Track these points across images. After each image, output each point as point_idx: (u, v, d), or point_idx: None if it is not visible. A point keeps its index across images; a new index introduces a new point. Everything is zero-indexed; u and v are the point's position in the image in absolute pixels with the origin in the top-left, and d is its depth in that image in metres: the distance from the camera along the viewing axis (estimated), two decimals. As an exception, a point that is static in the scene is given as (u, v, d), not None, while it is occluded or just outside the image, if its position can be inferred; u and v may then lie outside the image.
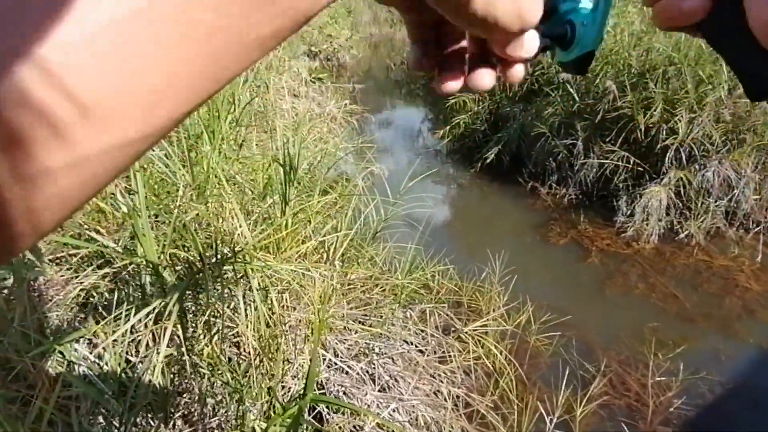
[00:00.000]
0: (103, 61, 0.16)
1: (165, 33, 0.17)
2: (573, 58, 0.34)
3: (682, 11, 0.26)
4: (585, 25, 0.33)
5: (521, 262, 2.39)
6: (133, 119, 0.17)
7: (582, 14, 0.34)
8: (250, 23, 0.19)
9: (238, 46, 0.19)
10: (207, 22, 0.18)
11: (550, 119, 3.63)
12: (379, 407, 1.56)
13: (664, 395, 1.91)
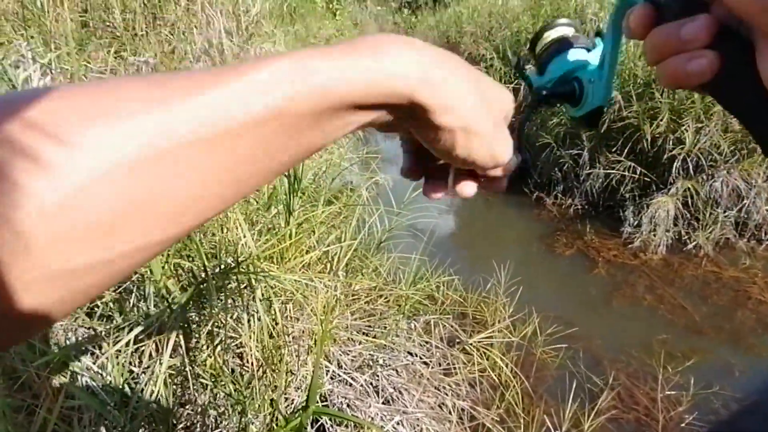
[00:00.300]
0: (140, 180, 0.19)
1: (203, 163, 0.21)
2: (583, 113, 0.35)
3: (688, 72, 0.26)
4: (592, 82, 0.34)
5: (527, 273, 2.37)
6: (157, 226, 0.21)
7: (589, 72, 0.35)
8: (273, 155, 0.23)
9: (260, 172, 0.23)
10: (242, 154, 0.22)
11: (556, 129, 3.63)
12: (383, 420, 1.54)
13: (674, 410, 1.87)
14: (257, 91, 0.22)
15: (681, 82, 0.26)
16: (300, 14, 6.97)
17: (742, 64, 0.25)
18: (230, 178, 0.22)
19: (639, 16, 0.28)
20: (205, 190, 0.21)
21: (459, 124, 0.27)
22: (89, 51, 2.27)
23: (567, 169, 3.50)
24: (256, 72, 0.22)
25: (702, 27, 0.25)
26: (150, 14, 3.34)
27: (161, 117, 0.20)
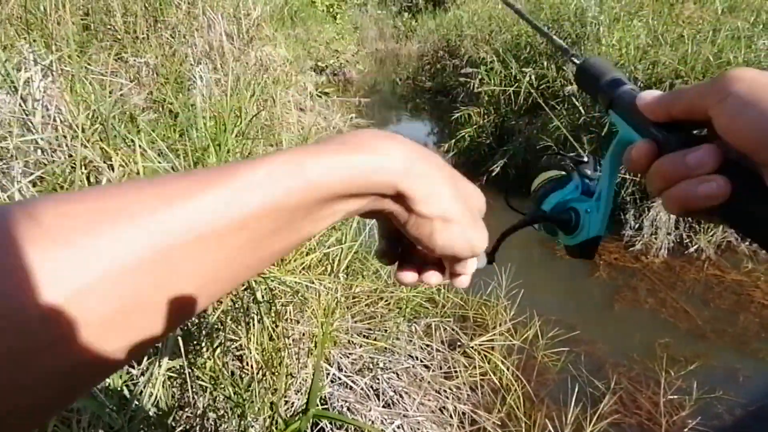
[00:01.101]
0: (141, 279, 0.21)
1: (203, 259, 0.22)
2: (578, 242, 0.37)
3: (699, 195, 0.26)
4: (588, 213, 0.36)
5: (528, 276, 2.36)
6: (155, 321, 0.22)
7: (585, 203, 0.37)
8: (268, 246, 0.25)
9: (255, 262, 0.25)
10: (239, 248, 0.23)
11: (556, 132, 3.63)
12: (384, 423, 1.53)
13: (677, 414, 1.85)
14: (254, 189, 0.23)
15: (691, 205, 0.27)
16: (301, 18, 6.99)
17: (752, 188, 0.25)
18: (228, 270, 0.24)
19: (641, 150, 0.30)
20: (204, 284, 0.23)
21: (438, 213, 0.29)
22: (90, 53, 2.28)
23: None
24: (253, 172, 0.24)
25: (708, 154, 0.26)
26: (151, 17, 3.35)
27: (162, 218, 0.21)
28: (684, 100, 0.29)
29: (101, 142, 1.23)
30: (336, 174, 0.25)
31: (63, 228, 0.20)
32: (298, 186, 0.24)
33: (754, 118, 0.24)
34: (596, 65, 0.37)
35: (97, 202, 0.21)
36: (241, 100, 2.19)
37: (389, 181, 0.27)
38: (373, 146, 0.27)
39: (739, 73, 0.26)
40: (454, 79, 6.09)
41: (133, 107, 1.79)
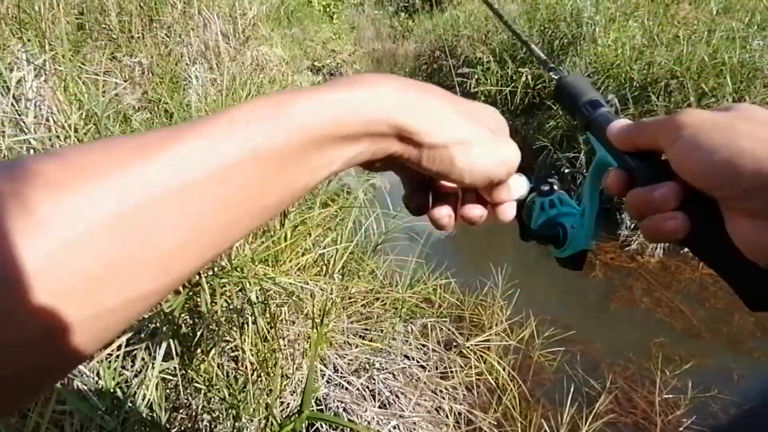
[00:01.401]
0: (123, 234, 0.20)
1: (186, 211, 0.21)
2: (567, 255, 0.39)
3: (665, 230, 0.29)
4: (575, 228, 0.38)
5: (524, 276, 2.36)
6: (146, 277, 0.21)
7: (571, 218, 0.39)
8: (259, 198, 0.23)
9: (246, 216, 0.23)
10: (225, 198, 0.22)
11: (552, 132, 3.63)
12: (379, 424, 1.53)
13: (672, 413, 1.86)
14: (232, 135, 0.22)
15: (660, 237, 0.30)
16: (297, 17, 6.98)
17: (710, 224, 0.28)
18: (215, 223, 0.22)
19: (614, 178, 0.32)
20: (191, 237, 0.22)
21: (451, 137, 0.27)
22: (84, 53, 2.26)
23: (564, 172, 3.50)
24: (229, 117, 0.22)
25: (670, 192, 0.29)
26: (146, 16, 3.33)
27: (140, 171, 0.20)
28: (644, 135, 0.31)
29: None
30: (320, 112, 0.24)
31: (37, 186, 0.19)
32: (279, 128, 0.23)
33: (698, 162, 0.26)
34: (574, 84, 0.38)
35: (76, 158, 0.20)
36: (236, 99, 2.18)
37: (382, 116, 0.25)
38: (360, 82, 0.26)
39: (686, 117, 0.28)
40: (451, 79, 6.09)
41: (126, 107, 1.78)
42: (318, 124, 0.24)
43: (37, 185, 0.19)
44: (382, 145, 0.26)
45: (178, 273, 0.22)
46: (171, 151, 0.21)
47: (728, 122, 0.27)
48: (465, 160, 0.28)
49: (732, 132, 0.26)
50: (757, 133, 0.25)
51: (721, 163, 0.26)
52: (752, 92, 2.92)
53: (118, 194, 0.20)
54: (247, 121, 0.22)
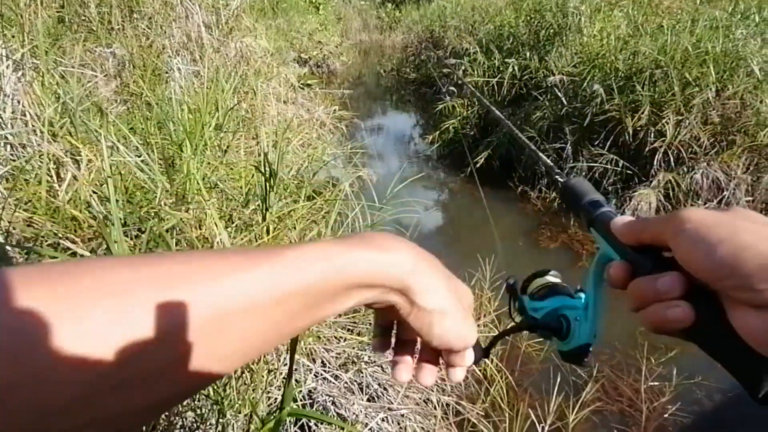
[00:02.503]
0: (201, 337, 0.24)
1: (245, 324, 0.25)
2: (570, 348, 0.39)
3: (668, 318, 0.30)
4: (578, 321, 0.39)
5: (512, 266, 2.37)
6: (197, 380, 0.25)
7: (574, 311, 0.39)
8: (296, 323, 0.28)
9: (279, 336, 0.28)
10: (275, 320, 0.27)
11: (539, 123, 3.64)
12: (368, 417, 1.52)
13: (657, 400, 1.89)
14: (296, 269, 0.28)
15: (662, 327, 0.30)
16: (282, 8, 6.88)
17: (713, 314, 0.28)
18: (262, 339, 0.27)
19: (617, 269, 0.34)
20: (242, 349, 0.26)
21: (437, 306, 0.33)
22: (60, 44, 2.20)
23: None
24: (295, 255, 0.28)
25: (674, 281, 0.30)
26: (126, 7, 3.25)
27: (223, 284, 0.25)
28: (648, 230, 0.33)
29: (70, 137, 1.18)
30: (359, 266, 0.30)
31: (126, 288, 0.23)
32: (329, 272, 0.29)
33: (702, 254, 0.28)
34: (577, 186, 0.42)
35: (164, 266, 0.25)
36: (219, 92, 2.15)
37: (400, 277, 0.32)
38: (388, 246, 0.32)
39: (688, 213, 0.30)
40: (438, 70, 6.07)
41: (103, 99, 1.74)
42: (355, 275, 0.30)
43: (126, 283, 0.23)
44: (389, 296, 0.32)
45: (218, 375, 0.26)
46: (251, 271, 0.26)
47: (729, 219, 0.29)
48: (439, 327, 0.34)
49: (734, 228, 0.28)
50: (757, 229, 0.27)
51: (726, 255, 0.27)
52: (735, 81, 2.94)
53: (204, 301, 0.24)
54: (307, 261, 0.28)
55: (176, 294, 0.23)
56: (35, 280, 0.21)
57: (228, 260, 0.26)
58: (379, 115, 6.47)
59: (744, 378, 0.27)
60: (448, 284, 0.35)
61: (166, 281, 0.24)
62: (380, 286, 0.31)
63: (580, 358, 0.39)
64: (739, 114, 2.92)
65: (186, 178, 1.25)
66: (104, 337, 0.21)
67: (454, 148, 4.42)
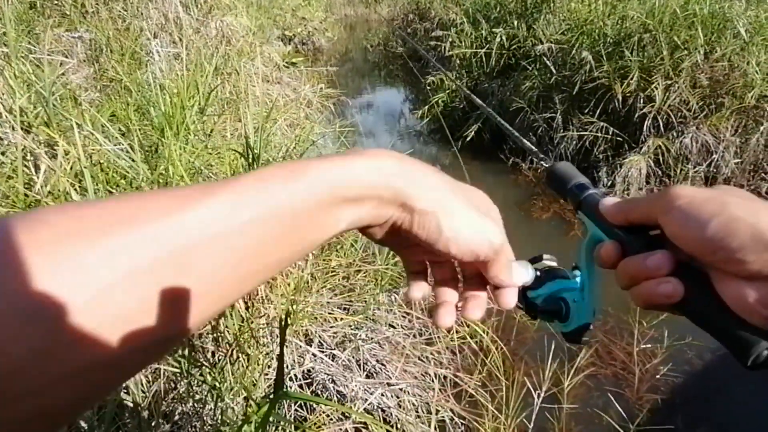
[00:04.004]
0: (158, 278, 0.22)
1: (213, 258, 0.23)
2: (571, 330, 0.40)
3: (658, 294, 0.31)
4: (576, 302, 0.40)
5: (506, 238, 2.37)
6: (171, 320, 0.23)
7: (572, 293, 0.40)
8: (274, 251, 0.26)
9: (261, 269, 0.26)
10: (247, 249, 0.25)
11: (529, 93, 3.60)
12: (367, 393, 1.55)
13: (649, 362, 1.93)
14: (259, 193, 0.25)
15: (653, 303, 0.31)
16: (263, -16, 6.68)
17: (702, 288, 0.29)
18: (236, 273, 0.25)
19: (607, 250, 0.34)
20: (214, 284, 0.24)
21: (438, 203, 0.30)
22: (32, 30, 2.13)
23: (541, 133, 3.50)
24: (256, 178, 0.26)
25: (663, 259, 0.31)
26: (99, -11, 3.14)
27: (177, 220, 0.23)
28: (638, 209, 0.33)
29: (46, 127, 1.15)
30: (334, 176, 0.27)
31: (75, 232, 0.21)
32: (299, 189, 0.26)
33: (694, 230, 0.29)
34: (563, 170, 0.42)
35: (113, 207, 0.23)
36: (201, 74, 2.10)
37: (385, 181, 0.29)
38: (367, 153, 0.29)
39: (680, 190, 0.30)
40: (426, 43, 5.96)
41: (77, 87, 1.69)
42: (327, 186, 0.27)
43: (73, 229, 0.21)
44: (381, 210, 0.29)
45: (198, 318, 0.24)
46: (206, 203, 0.24)
47: (719, 195, 0.29)
48: (450, 229, 0.30)
49: (724, 202, 0.28)
50: (746, 204, 0.28)
51: (717, 229, 0.28)
52: (723, 43, 2.92)
53: (154, 244, 0.22)
54: (269, 182, 0.26)
55: (122, 237, 0.21)
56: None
57: (180, 194, 0.24)
58: (368, 91, 6.38)
59: (734, 346, 0.29)
60: (447, 182, 0.32)
61: (111, 224, 0.22)
62: (368, 199, 0.29)
63: (581, 336, 0.40)
64: (727, 76, 2.90)
65: (168, 164, 1.23)
66: (60, 288, 0.20)
67: (444, 122, 4.38)
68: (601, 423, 1.71)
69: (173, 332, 0.24)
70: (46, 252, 0.20)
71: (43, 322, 0.19)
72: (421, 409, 1.58)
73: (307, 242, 0.28)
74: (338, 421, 1.38)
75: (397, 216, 0.30)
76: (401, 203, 0.29)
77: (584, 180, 0.40)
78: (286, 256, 0.27)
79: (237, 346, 1.14)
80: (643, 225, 0.33)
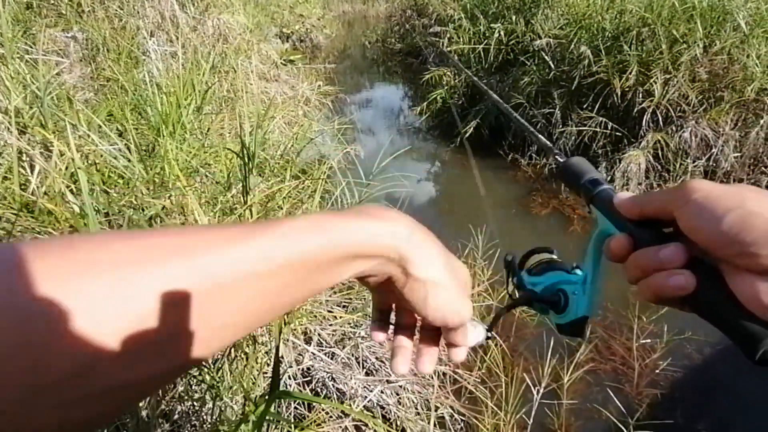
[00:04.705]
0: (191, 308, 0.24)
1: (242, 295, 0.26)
2: (567, 321, 0.40)
3: (670, 286, 0.31)
4: (576, 294, 0.40)
5: (504, 234, 2.38)
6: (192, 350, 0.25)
7: (572, 285, 0.41)
8: (292, 294, 0.29)
9: (278, 307, 0.29)
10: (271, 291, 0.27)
11: (527, 89, 3.59)
12: (366, 390, 1.55)
13: (649, 357, 1.93)
14: (293, 240, 0.28)
15: (663, 294, 0.31)
16: (260, -19, 6.65)
17: (714, 281, 0.29)
18: (261, 309, 0.27)
19: (618, 243, 0.35)
20: (238, 318, 0.26)
21: (431, 277, 0.33)
22: (28, 30, 2.12)
23: (540, 129, 3.49)
24: (290, 227, 0.28)
25: (677, 251, 0.31)
26: (95, -12, 3.13)
27: (218, 255, 0.25)
28: (654, 202, 0.33)
29: (42, 129, 1.15)
30: (355, 236, 0.30)
31: (121, 261, 0.23)
32: (324, 242, 0.29)
33: (709, 222, 0.29)
34: (577, 165, 0.42)
35: (158, 239, 0.24)
36: (197, 72, 2.09)
37: (395, 245, 0.32)
38: (382, 216, 0.32)
39: (697, 184, 0.31)
40: (424, 39, 5.94)
41: (76, 87, 1.69)
42: (351, 245, 0.30)
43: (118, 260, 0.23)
44: (385, 267, 0.32)
45: (217, 347, 0.27)
46: (248, 242, 0.26)
47: (736, 190, 0.29)
48: (434, 300, 0.34)
49: (741, 197, 0.29)
50: (763, 199, 0.28)
51: (733, 223, 0.28)
52: (722, 36, 2.90)
53: (197, 272, 0.24)
54: (303, 233, 0.28)
55: (172, 265, 0.23)
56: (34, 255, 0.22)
57: (223, 232, 0.27)
58: (366, 88, 6.37)
59: (742, 340, 0.28)
60: (443, 257, 0.35)
61: (160, 253, 0.24)
62: (377, 257, 0.31)
63: (577, 330, 0.40)
64: (726, 70, 2.89)
65: (164, 164, 1.23)
66: (102, 311, 0.21)
67: (443, 119, 4.37)
68: (601, 418, 1.72)
69: (195, 358, 0.25)
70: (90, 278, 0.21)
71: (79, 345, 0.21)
72: (420, 406, 1.58)
73: (319, 286, 0.30)
74: (338, 419, 1.39)
75: (395, 274, 0.33)
76: (403, 266, 0.33)
77: (598, 175, 0.41)
78: (301, 296, 0.30)
79: (235, 346, 1.14)
80: (656, 220, 0.33)
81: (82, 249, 0.22)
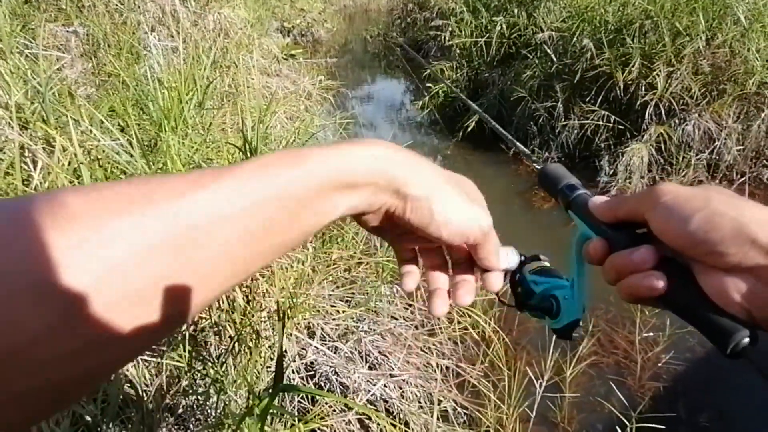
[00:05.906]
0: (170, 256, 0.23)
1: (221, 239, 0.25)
2: (561, 326, 0.41)
3: (644, 286, 0.32)
4: (566, 299, 0.41)
5: (507, 229, 2.34)
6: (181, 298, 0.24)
7: (562, 291, 0.42)
8: (278, 234, 0.27)
9: (261, 252, 0.27)
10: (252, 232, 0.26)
11: (530, 82, 3.57)
12: (369, 384, 1.55)
13: (651, 351, 1.93)
14: (261, 178, 0.26)
15: (639, 294, 0.32)
16: (260, -24, 6.61)
17: (685, 280, 0.31)
18: (242, 253, 0.26)
19: (595, 246, 0.35)
20: (222, 264, 0.25)
21: (430, 190, 0.31)
22: (27, 25, 2.12)
23: (542, 122, 3.48)
24: (258, 164, 0.27)
25: (647, 254, 0.32)
26: (95, -17, 3.11)
27: (187, 201, 0.24)
28: (626, 206, 0.34)
29: (44, 124, 1.15)
30: (333, 163, 0.28)
31: (90, 212, 0.22)
32: (299, 175, 0.27)
33: (678, 223, 0.30)
34: (554, 171, 0.43)
35: (125, 189, 0.23)
36: (198, 67, 2.08)
37: (380, 167, 0.30)
38: (364, 142, 0.31)
39: (665, 187, 0.32)
40: (425, 32, 5.91)
41: (77, 82, 1.68)
42: (326, 173, 0.28)
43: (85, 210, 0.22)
44: (376, 196, 0.31)
45: (205, 297, 0.26)
46: (214, 186, 0.25)
47: (702, 192, 0.30)
48: (441, 213, 0.32)
49: (707, 198, 0.30)
50: (729, 200, 0.29)
51: (701, 223, 0.29)
52: (724, 29, 2.88)
53: (166, 220, 0.23)
54: (272, 168, 0.27)
55: (138, 213, 0.22)
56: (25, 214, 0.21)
57: (190, 176, 0.26)
58: (368, 82, 6.35)
59: (714, 335, 0.30)
60: (438, 170, 0.33)
61: (126, 203, 0.23)
62: (364, 185, 0.30)
63: (571, 332, 0.41)
64: (728, 62, 2.87)
65: (166, 159, 1.23)
66: (72, 266, 0.20)
67: (445, 113, 4.36)
68: (603, 411, 1.72)
69: (183, 310, 0.24)
70: (62, 231, 0.21)
71: (56, 298, 0.20)
72: (423, 399, 1.59)
73: (308, 225, 0.29)
74: (341, 413, 1.39)
75: (390, 203, 0.31)
76: (395, 190, 0.31)
77: (574, 181, 0.42)
78: (289, 239, 0.28)
79: (238, 340, 1.14)
80: (630, 222, 0.34)
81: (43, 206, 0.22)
